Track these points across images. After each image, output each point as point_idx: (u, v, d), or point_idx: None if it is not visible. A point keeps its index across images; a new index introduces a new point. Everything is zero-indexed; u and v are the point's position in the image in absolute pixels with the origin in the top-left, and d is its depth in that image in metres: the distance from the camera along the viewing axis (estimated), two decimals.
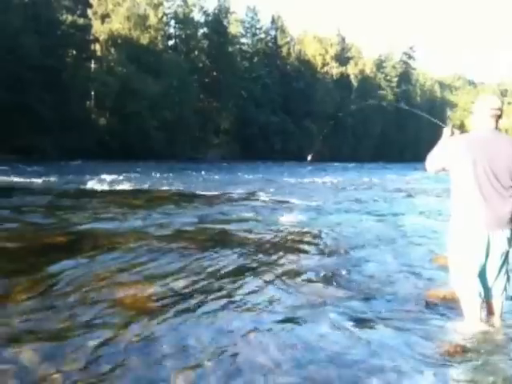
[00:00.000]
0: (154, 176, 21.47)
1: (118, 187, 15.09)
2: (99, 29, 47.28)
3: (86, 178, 16.63)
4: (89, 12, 46.99)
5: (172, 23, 61.29)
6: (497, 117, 3.37)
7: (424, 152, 3.66)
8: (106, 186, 15.13)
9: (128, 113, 44.46)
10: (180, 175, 22.87)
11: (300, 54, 76.20)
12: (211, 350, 3.03)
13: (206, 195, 13.73)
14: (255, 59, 69.63)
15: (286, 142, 64.79)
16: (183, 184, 17.30)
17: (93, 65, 48.00)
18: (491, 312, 3.49)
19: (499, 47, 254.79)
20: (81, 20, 44.81)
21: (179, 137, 50.33)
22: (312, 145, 62.92)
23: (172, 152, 46.88)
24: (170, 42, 60.68)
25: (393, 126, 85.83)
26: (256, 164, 42.43)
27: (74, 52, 45.61)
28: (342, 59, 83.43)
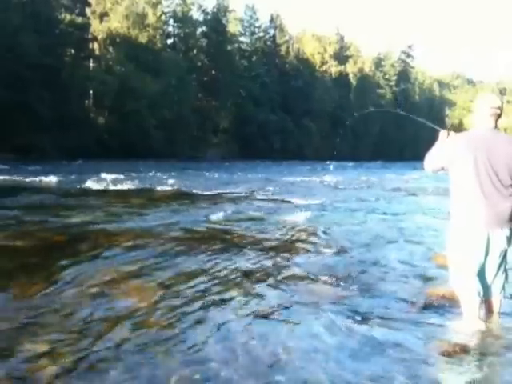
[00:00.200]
0: (155, 175, 21.45)
1: (119, 187, 15.09)
2: (98, 27, 47.26)
3: (87, 177, 16.60)
4: (87, 11, 47.01)
5: (171, 22, 61.30)
6: (496, 116, 3.38)
7: (423, 151, 3.66)
8: (107, 186, 15.13)
9: (127, 112, 44.43)
10: (180, 174, 22.83)
11: (299, 53, 76.22)
12: (209, 350, 3.05)
13: (207, 194, 13.75)
14: (254, 58, 69.61)
15: (285, 141, 64.81)
16: (184, 183, 17.28)
17: (91, 64, 47.96)
18: (490, 310, 3.51)
19: (498, 46, 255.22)
20: (79, 19, 44.81)
21: (178, 136, 50.30)
22: (311, 142, 62.83)
23: (171, 151, 46.82)
24: (169, 41, 60.68)
25: (392, 125, 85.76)
26: (255, 163, 42.41)
27: (73, 51, 45.56)
28: (341, 58, 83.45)
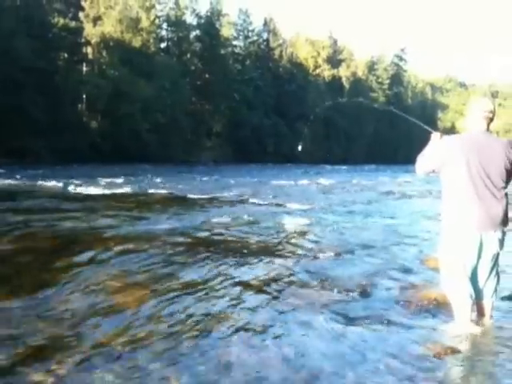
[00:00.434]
0: (149, 179, 21.41)
1: (113, 190, 15.03)
2: (91, 32, 47.12)
3: (81, 181, 16.58)
4: (81, 15, 46.89)
5: (164, 26, 61.23)
6: (489, 119, 3.41)
7: (416, 153, 3.68)
8: (101, 189, 15.08)
9: (120, 115, 44.29)
10: (175, 178, 22.82)
11: (292, 57, 76.38)
12: (208, 352, 3.06)
13: (202, 198, 13.76)
14: (247, 62, 69.68)
15: (279, 145, 64.81)
16: (178, 187, 17.27)
17: (85, 67, 47.82)
18: (482, 313, 3.52)
19: (490, 49, 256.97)
20: (72, 23, 44.72)
21: (172, 139, 50.17)
22: (302, 141, 62.99)
23: (165, 155, 46.66)
24: (163, 45, 60.62)
25: (386, 126, 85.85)
26: (249, 166, 42.42)
27: (66, 55, 45.42)
28: (334, 61, 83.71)
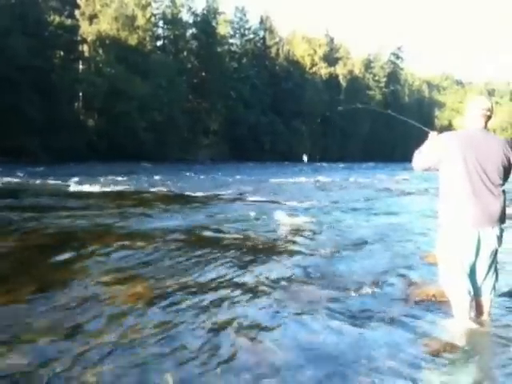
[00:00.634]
0: (146, 177, 21.39)
1: (111, 188, 15.03)
2: (87, 30, 46.99)
3: (80, 180, 16.55)
4: (76, 13, 46.71)
5: (160, 24, 61.07)
6: (486, 117, 3.41)
7: (413, 151, 3.69)
8: (100, 188, 15.06)
9: (116, 113, 44.20)
10: (172, 176, 22.80)
11: (289, 55, 76.32)
12: (206, 350, 3.05)
13: (199, 196, 13.80)
14: (244, 60, 69.59)
15: (276, 143, 64.88)
16: (176, 185, 17.26)
17: (81, 66, 47.70)
18: (480, 310, 3.51)
19: (486, 48, 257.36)
20: (68, 21, 44.52)
21: (168, 138, 50.10)
22: (302, 144, 63.24)
23: (162, 153, 46.65)
24: (159, 43, 60.44)
25: (382, 124, 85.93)
26: (246, 164, 42.42)
27: (62, 53, 45.26)
28: (331, 59, 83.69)
